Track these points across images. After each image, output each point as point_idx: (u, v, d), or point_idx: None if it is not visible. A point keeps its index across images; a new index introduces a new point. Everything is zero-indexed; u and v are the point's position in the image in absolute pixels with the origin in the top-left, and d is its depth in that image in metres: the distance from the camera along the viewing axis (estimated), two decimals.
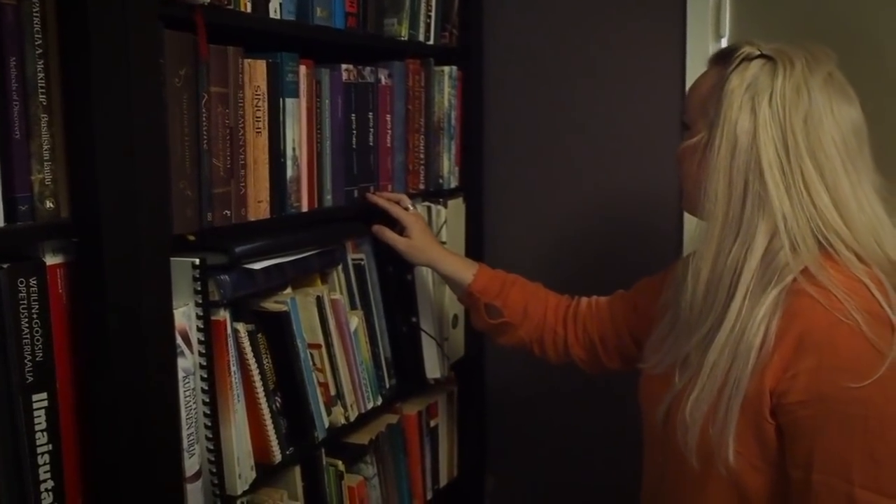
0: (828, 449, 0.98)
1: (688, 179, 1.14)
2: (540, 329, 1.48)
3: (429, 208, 1.72)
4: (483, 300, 1.48)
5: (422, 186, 1.71)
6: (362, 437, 1.61)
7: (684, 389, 1.07)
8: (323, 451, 1.49)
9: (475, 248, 1.89)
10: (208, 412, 1.16)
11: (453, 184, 1.81)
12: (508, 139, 1.93)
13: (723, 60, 1.10)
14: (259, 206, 1.28)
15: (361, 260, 1.57)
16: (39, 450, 0.99)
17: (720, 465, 1.03)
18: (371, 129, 1.54)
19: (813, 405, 0.98)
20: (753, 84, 1.05)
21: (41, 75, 0.96)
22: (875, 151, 1.07)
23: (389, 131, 1.59)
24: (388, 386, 1.64)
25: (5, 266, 0.95)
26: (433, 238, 1.56)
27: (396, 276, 1.65)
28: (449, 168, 1.78)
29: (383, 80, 1.57)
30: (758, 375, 1.01)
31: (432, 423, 1.83)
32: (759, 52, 1.07)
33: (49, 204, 0.98)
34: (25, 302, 0.97)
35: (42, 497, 1.00)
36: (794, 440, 1.01)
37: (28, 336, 0.97)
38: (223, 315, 1.19)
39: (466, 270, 1.50)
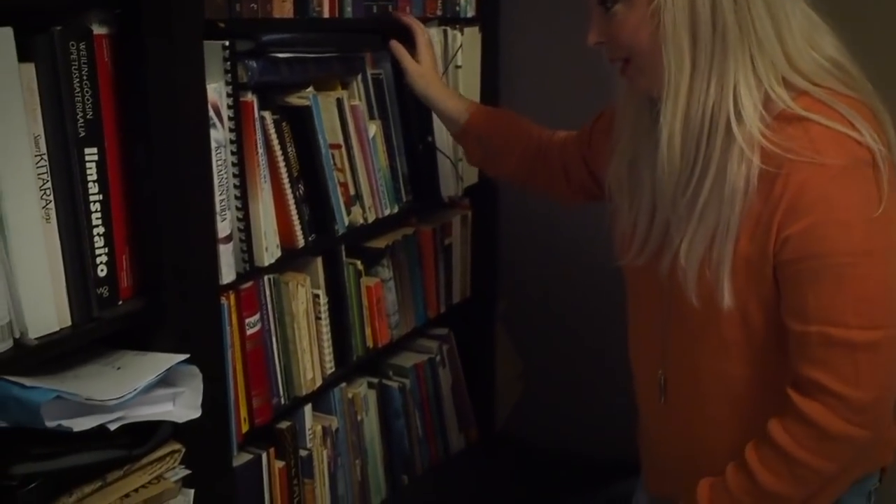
0: (822, 300, 1.05)
1: (641, 55, 1.12)
2: (527, 160, 1.55)
3: (445, 32, 1.81)
4: (474, 133, 1.57)
5: (438, 12, 1.80)
6: (380, 243, 1.76)
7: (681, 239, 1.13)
8: (343, 248, 1.64)
9: (490, 78, 1.99)
10: (237, 184, 1.30)
11: (470, 13, 1.90)
12: None
13: None
14: (283, 5, 1.39)
15: (380, 74, 1.68)
16: (91, 198, 1.14)
17: (720, 304, 1.11)
18: None
19: (807, 261, 1.05)
20: None
21: None
22: None
23: None
24: (404, 199, 1.78)
25: (58, 28, 1.07)
26: (438, 74, 1.64)
27: (413, 94, 1.76)
28: None
29: None
30: (757, 235, 1.07)
31: (446, 242, 1.97)
32: None
33: None
34: (76, 63, 1.09)
35: (95, 240, 1.15)
36: (790, 294, 1.08)
37: (80, 94, 1.11)
38: (251, 97, 1.32)
39: (462, 108, 1.58)
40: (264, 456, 1.49)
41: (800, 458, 1.09)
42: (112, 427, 1.08)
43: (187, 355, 1.19)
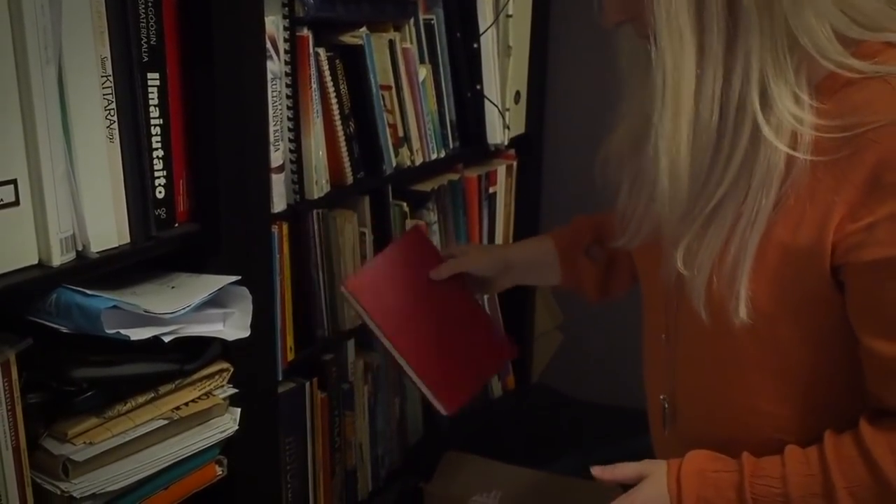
0: None
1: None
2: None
3: None
4: (581, 245, 1.29)
5: None
6: (426, 186, 1.80)
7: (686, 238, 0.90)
8: (390, 188, 1.68)
9: (540, 27, 1.99)
10: (291, 116, 1.34)
11: None
12: None
13: None
14: None
15: (432, 19, 1.71)
16: (153, 122, 1.18)
17: (732, 318, 0.87)
18: None
19: None
20: None
21: None
22: None
23: None
24: (451, 145, 1.81)
25: None
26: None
27: (464, 42, 1.79)
28: None
29: None
30: (803, 228, 0.84)
31: (491, 190, 1.99)
32: None
33: None
34: None
35: (154, 164, 1.20)
36: (867, 304, 0.84)
37: (144, 21, 1.15)
38: (306, 32, 1.36)
39: (542, 240, 1.33)
40: (307, 385, 1.54)
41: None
42: (166, 339, 1.13)
43: (238, 276, 1.23)
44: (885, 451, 0.84)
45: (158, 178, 1.20)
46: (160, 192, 1.21)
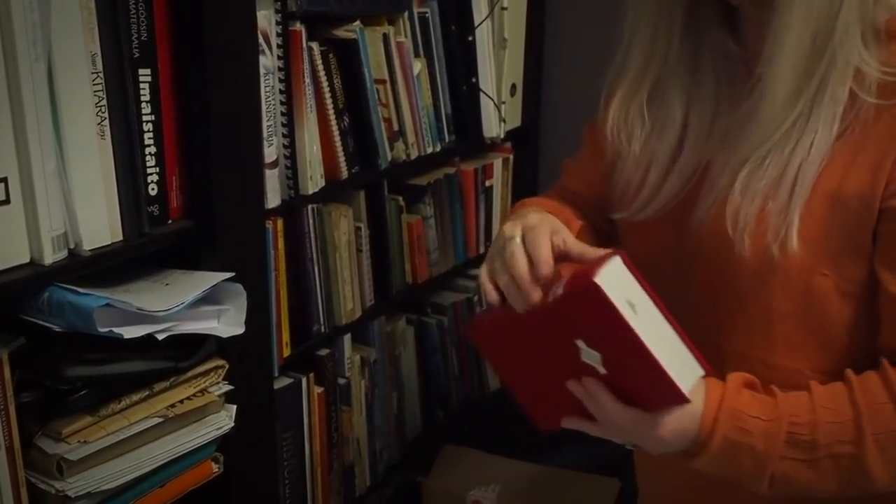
0: None
1: None
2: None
3: None
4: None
5: None
6: (422, 180, 1.79)
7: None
8: (385, 182, 1.67)
9: (536, 18, 1.99)
10: (284, 111, 1.34)
11: None
12: None
13: None
14: None
15: (426, 13, 1.70)
16: (144, 118, 1.18)
17: (777, 252, 0.86)
18: None
19: None
20: None
21: None
22: None
23: None
24: (447, 138, 1.80)
25: None
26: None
27: (459, 34, 1.78)
28: None
29: None
30: (860, 166, 0.84)
31: (487, 183, 1.99)
32: None
33: None
34: None
35: (147, 160, 1.19)
36: None
37: (135, 16, 1.14)
38: (299, 27, 1.35)
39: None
40: (304, 380, 1.54)
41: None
42: (160, 337, 1.13)
43: (232, 273, 1.23)
44: None
45: (151, 174, 1.20)
46: (153, 189, 1.20)
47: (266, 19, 1.27)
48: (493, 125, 1.89)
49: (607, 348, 0.83)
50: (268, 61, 1.28)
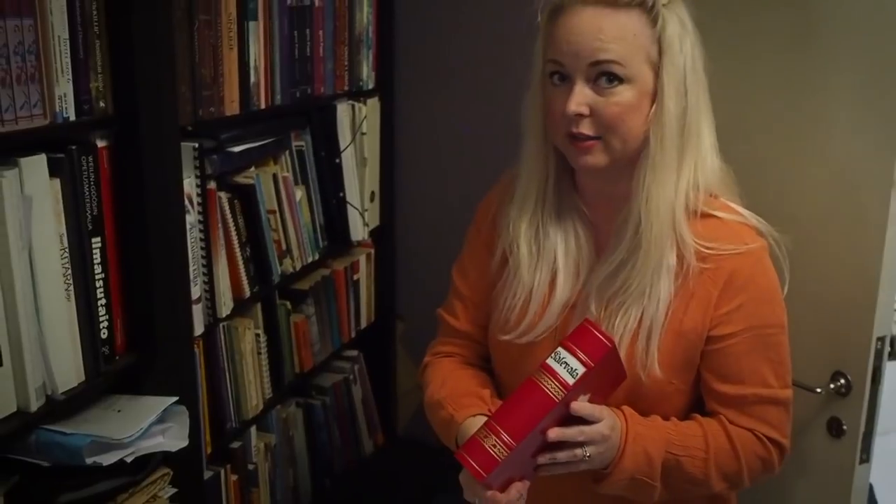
0: (753, 366, 1.19)
1: (630, 136, 1.13)
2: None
3: (353, 106, 2.15)
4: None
5: (346, 88, 2.14)
6: (304, 285, 2.08)
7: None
8: (276, 292, 1.96)
9: (388, 140, 2.33)
10: (204, 255, 1.61)
11: (370, 85, 2.24)
12: (418, 49, 2.31)
13: (639, 4, 1.10)
14: (232, 105, 1.70)
15: (302, 146, 2.01)
16: (97, 277, 1.42)
17: (644, 376, 1.17)
18: (308, 43, 1.95)
19: (742, 334, 1.19)
20: (683, 22, 1.12)
21: (95, 13, 1.35)
22: None
23: (322, 44, 2.01)
24: (321, 246, 2.11)
25: (74, 147, 1.35)
26: None
27: (328, 159, 2.09)
28: (367, 73, 2.21)
29: (317, 3, 1.97)
30: (692, 310, 1.18)
31: (355, 277, 2.30)
32: None
33: (101, 103, 1.39)
34: (86, 172, 1.37)
35: (99, 310, 1.43)
36: (723, 364, 1.20)
37: (88, 197, 1.39)
38: (213, 185, 1.63)
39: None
40: (222, 472, 1.80)
41: (743, 460, 1.21)
42: (128, 460, 1.38)
43: (177, 397, 1.49)
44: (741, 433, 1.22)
45: (103, 321, 1.44)
46: (104, 333, 1.44)
47: (189, 185, 1.54)
48: (358, 230, 2.20)
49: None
50: (192, 218, 1.55)
